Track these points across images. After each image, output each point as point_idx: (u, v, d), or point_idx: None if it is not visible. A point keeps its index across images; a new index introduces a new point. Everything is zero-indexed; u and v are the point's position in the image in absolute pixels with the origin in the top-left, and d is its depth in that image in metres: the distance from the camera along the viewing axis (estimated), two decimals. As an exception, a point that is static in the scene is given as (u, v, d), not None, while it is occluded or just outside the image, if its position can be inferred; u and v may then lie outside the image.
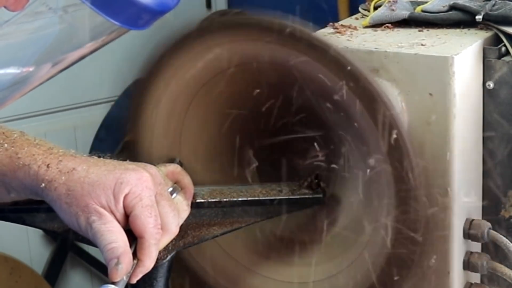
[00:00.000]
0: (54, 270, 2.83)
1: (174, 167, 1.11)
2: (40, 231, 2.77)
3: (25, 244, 2.81)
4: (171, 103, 1.17)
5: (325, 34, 1.26)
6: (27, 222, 1.10)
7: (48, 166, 0.97)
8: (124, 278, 0.93)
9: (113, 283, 0.92)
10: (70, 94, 2.75)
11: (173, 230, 1.00)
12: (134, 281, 0.96)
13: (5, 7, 0.82)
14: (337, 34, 1.26)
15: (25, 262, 2.71)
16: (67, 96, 2.76)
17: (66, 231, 1.06)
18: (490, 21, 1.23)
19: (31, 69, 0.86)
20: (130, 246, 0.95)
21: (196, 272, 1.25)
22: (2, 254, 2.65)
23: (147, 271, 0.97)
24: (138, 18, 0.83)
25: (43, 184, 0.97)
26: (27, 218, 1.09)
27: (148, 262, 0.96)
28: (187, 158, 1.19)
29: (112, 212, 0.96)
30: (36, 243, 2.85)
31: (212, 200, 1.13)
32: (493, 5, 1.25)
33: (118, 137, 2.52)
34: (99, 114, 2.77)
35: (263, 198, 1.15)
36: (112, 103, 2.78)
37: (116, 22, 0.81)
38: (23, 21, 0.84)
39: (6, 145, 1.00)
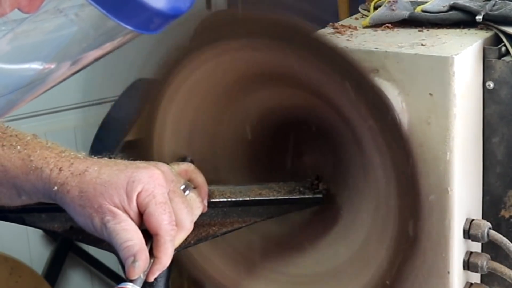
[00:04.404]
0: (54, 270, 2.83)
1: (187, 166, 1.11)
2: (40, 231, 2.77)
3: (25, 244, 2.81)
4: (184, 103, 1.17)
5: (325, 34, 1.26)
6: (27, 222, 1.10)
7: (60, 169, 0.97)
8: (142, 276, 0.94)
9: (131, 281, 0.92)
10: (70, 94, 2.75)
11: (188, 226, 1.00)
12: (151, 279, 0.96)
13: (18, 9, 0.82)
14: (337, 34, 1.26)
15: (25, 262, 2.71)
16: (67, 96, 2.76)
17: (66, 231, 1.07)
18: (490, 21, 1.23)
19: (52, 66, 0.86)
20: (146, 245, 0.95)
21: (196, 272, 1.25)
22: (2, 254, 2.65)
23: (164, 269, 0.97)
24: (150, 22, 0.83)
25: (55, 188, 0.97)
26: (27, 218, 1.09)
27: (165, 259, 0.96)
28: (198, 157, 1.19)
29: (126, 211, 0.96)
30: (36, 243, 2.85)
31: (213, 200, 1.13)
32: (493, 5, 1.25)
33: (118, 137, 2.52)
34: (99, 114, 2.77)
35: (264, 198, 1.15)
36: (112, 103, 2.78)
37: (127, 26, 0.81)
38: (42, 19, 0.84)
39: (19, 147, 1.00)
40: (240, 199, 1.15)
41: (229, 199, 1.14)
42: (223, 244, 1.23)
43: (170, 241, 0.97)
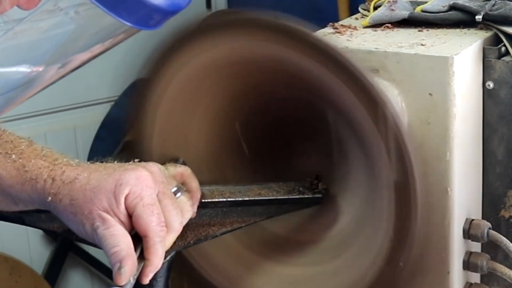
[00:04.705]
0: (54, 270, 2.83)
1: (184, 169, 1.11)
2: (40, 231, 2.77)
3: (25, 244, 2.81)
4: (175, 102, 1.17)
5: (325, 34, 1.26)
6: (27, 222, 1.10)
7: (53, 179, 0.97)
8: (131, 280, 0.93)
9: (120, 286, 0.92)
10: (70, 94, 2.75)
11: (177, 227, 1.00)
12: (146, 281, 0.96)
13: (17, 5, 0.82)
14: (337, 34, 1.26)
15: (25, 262, 2.71)
16: (67, 96, 2.76)
17: (66, 231, 1.07)
18: (490, 21, 1.23)
19: (40, 68, 0.86)
20: (137, 247, 0.95)
21: (196, 271, 1.25)
22: (2, 254, 2.65)
23: (156, 270, 0.97)
24: (149, 18, 0.83)
25: (49, 198, 0.97)
26: (27, 218, 1.09)
27: (156, 261, 0.96)
28: (191, 157, 1.19)
29: (115, 215, 0.96)
30: (36, 243, 2.85)
31: (212, 200, 1.13)
32: (493, 5, 1.25)
33: (118, 137, 2.53)
34: (99, 114, 2.77)
35: (263, 198, 1.15)
36: (112, 103, 2.78)
37: (127, 23, 0.81)
38: (38, 19, 0.84)
39: (14, 156, 1.00)
40: (240, 199, 1.14)
41: (229, 199, 1.14)
42: (222, 244, 1.23)
43: (160, 242, 0.96)
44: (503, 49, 1.20)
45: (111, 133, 2.65)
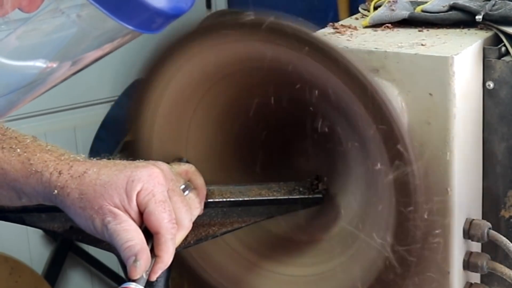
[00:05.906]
0: (54, 270, 2.83)
1: (188, 167, 1.11)
2: (40, 231, 2.77)
3: (25, 244, 2.81)
4: (174, 103, 1.17)
5: (325, 34, 1.26)
6: (27, 222, 1.10)
7: (60, 172, 0.97)
8: (144, 275, 0.94)
9: (134, 281, 0.92)
10: (70, 94, 2.75)
11: (187, 225, 1.00)
12: (154, 278, 0.96)
13: (19, 8, 0.82)
14: (337, 34, 1.26)
15: (25, 262, 2.71)
16: (67, 96, 2.76)
17: (66, 231, 1.07)
18: (490, 21, 1.23)
19: (54, 65, 0.86)
20: (147, 244, 0.95)
21: (196, 272, 1.25)
22: (2, 254, 2.65)
23: (166, 267, 0.97)
24: (151, 22, 0.83)
25: (55, 191, 0.97)
26: (27, 218, 1.09)
27: (167, 257, 0.96)
28: (193, 157, 1.19)
29: (126, 211, 0.96)
30: (36, 243, 2.85)
31: (213, 200, 1.13)
32: (493, 5, 1.25)
33: (118, 137, 2.53)
34: (99, 114, 2.77)
35: (263, 198, 1.15)
36: (112, 103, 2.78)
37: (129, 26, 0.81)
38: (41, 20, 0.84)
39: (18, 150, 1.00)
40: (240, 199, 1.14)
41: (229, 199, 1.14)
42: (222, 244, 1.23)
43: (171, 239, 0.97)
44: (503, 49, 1.20)
45: (111, 133, 2.65)
